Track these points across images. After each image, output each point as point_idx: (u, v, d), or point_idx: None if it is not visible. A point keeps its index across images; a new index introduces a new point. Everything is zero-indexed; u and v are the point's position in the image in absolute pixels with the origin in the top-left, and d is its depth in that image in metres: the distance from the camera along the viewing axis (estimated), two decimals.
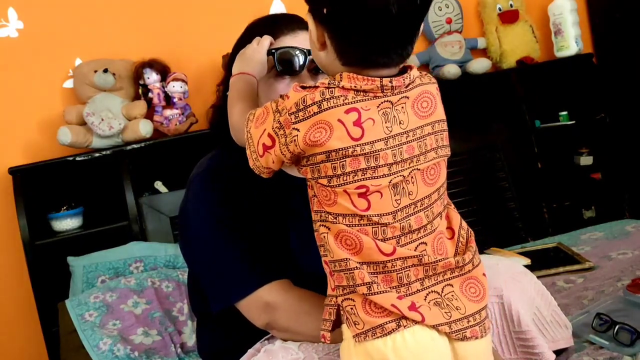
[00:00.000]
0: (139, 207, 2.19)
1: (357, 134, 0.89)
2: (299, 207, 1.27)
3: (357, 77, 0.91)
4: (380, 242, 0.91)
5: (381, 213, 0.91)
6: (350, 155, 0.89)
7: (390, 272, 0.92)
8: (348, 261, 0.91)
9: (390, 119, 0.91)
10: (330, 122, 0.89)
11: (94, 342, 1.75)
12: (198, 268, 1.24)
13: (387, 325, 0.90)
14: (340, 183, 0.90)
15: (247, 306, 1.15)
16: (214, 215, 1.19)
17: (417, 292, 0.92)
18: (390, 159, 0.90)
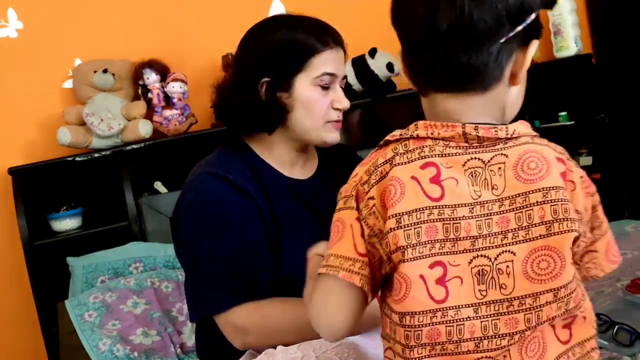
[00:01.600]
0: (139, 207, 2.19)
1: (436, 193, 0.72)
2: (293, 209, 1.28)
3: (434, 125, 0.75)
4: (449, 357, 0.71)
5: (460, 305, 0.71)
6: (426, 220, 0.72)
7: None
8: None
9: (479, 181, 0.73)
10: (402, 179, 0.74)
11: (93, 343, 1.75)
12: (185, 272, 1.27)
13: None
14: (416, 256, 0.71)
15: (221, 325, 1.19)
16: (205, 224, 1.20)
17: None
18: (474, 230, 0.71)
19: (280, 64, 1.22)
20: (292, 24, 1.24)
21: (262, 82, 1.23)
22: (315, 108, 1.24)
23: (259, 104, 1.23)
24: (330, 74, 1.24)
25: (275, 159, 1.30)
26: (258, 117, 1.25)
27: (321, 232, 1.31)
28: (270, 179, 1.28)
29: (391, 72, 2.35)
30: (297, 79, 1.23)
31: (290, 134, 1.28)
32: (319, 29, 1.25)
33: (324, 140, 1.27)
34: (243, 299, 1.15)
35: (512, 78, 0.76)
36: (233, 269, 1.17)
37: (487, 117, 0.76)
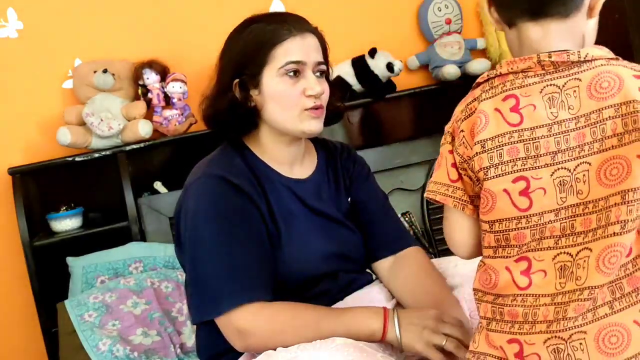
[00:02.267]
0: (139, 207, 2.18)
1: (515, 119, 0.85)
2: (292, 208, 1.29)
3: (514, 60, 0.87)
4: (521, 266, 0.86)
5: (543, 211, 0.84)
6: (507, 142, 0.85)
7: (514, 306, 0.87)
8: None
9: (556, 103, 0.83)
10: (486, 111, 0.87)
11: (93, 343, 1.75)
12: (186, 274, 1.26)
13: (488, 358, 0.89)
14: (499, 174, 0.85)
15: (222, 327, 1.18)
16: (206, 226, 1.20)
17: (539, 333, 0.84)
18: (553, 147, 0.83)
19: (247, 62, 1.24)
20: (256, 23, 1.26)
21: (234, 83, 1.24)
22: (284, 99, 1.23)
23: (237, 105, 1.24)
24: (295, 62, 1.22)
25: (271, 158, 1.31)
26: (238, 118, 1.25)
27: (320, 231, 1.32)
28: (269, 178, 1.28)
29: (391, 72, 2.35)
30: (264, 73, 1.23)
31: (273, 129, 1.28)
32: (279, 20, 1.25)
33: (303, 130, 1.25)
34: (245, 300, 1.15)
35: (590, 10, 0.88)
36: (234, 270, 1.17)
37: (567, 44, 0.87)
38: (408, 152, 2.40)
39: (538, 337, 0.84)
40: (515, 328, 0.87)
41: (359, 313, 1.16)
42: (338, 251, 1.32)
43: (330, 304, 1.26)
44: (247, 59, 1.24)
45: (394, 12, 2.57)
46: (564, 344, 0.83)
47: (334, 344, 1.05)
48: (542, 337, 0.84)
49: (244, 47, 1.24)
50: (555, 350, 0.83)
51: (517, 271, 0.86)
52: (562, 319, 0.83)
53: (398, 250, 1.37)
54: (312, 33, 1.26)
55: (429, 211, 2.40)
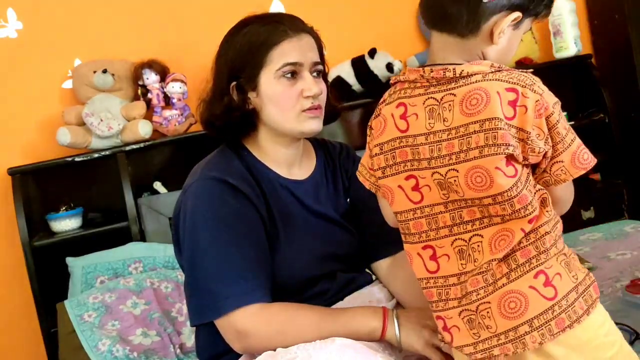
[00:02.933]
0: (138, 207, 2.19)
1: (403, 126, 0.96)
2: (291, 209, 1.28)
3: (409, 70, 0.97)
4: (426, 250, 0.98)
5: (433, 203, 0.96)
6: (398, 146, 0.96)
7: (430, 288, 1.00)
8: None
9: (434, 115, 0.93)
10: (386, 116, 0.98)
11: (93, 343, 1.75)
12: (185, 275, 1.26)
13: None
14: (393, 172, 0.97)
15: (222, 328, 1.18)
16: (205, 228, 1.19)
17: (453, 308, 0.97)
18: (427, 153, 0.93)
19: (244, 65, 1.23)
20: (251, 24, 1.25)
21: (232, 85, 1.24)
22: (282, 101, 1.23)
23: (234, 108, 1.24)
24: (291, 63, 1.22)
25: (270, 160, 1.30)
26: (234, 121, 1.25)
27: (318, 232, 1.31)
28: (268, 179, 1.28)
29: (391, 72, 2.35)
30: (261, 75, 1.23)
31: (272, 131, 1.28)
32: (274, 22, 1.25)
33: (302, 130, 1.25)
34: (244, 302, 1.15)
35: (490, 36, 0.94)
36: (233, 272, 1.16)
37: (462, 60, 0.95)
38: None
39: (453, 311, 0.97)
40: (433, 307, 1.00)
41: (358, 313, 1.16)
42: (336, 252, 1.32)
43: (329, 305, 1.26)
44: (244, 61, 1.24)
45: (393, 12, 2.58)
46: (474, 315, 0.95)
47: (333, 344, 1.05)
48: (456, 311, 0.97)
49: (240, 50, 1.24)
50: (469, 320, 0.96)
51: (427, 257, 0.99)
52: (467, 294, 0.95)
53: (397, 251, 1.37)
54: (307, 33, 1.26)
55: None
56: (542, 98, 0.91)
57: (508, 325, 0.92)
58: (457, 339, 0.97)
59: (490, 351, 0.94)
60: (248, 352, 1.18)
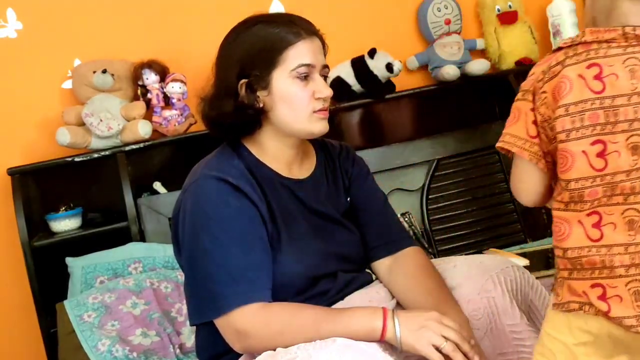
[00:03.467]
0: (138, 207, 2.18)
1: (598, 87, 0.92)
2: (291, 209, 1.29)
3: (598, 30, 0.95)
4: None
5: (616, 172, 0.93)
6: (589, 108, 0.92)
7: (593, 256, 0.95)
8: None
9: (637, 75, 0.91)
10: (570, 77, 0.94)
11: (92, 343, 1.75)
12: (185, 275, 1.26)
13: (572, 305, 0.97)
14: (579, 136, 0.93)
15: (222, 328, 1.18)
16: (205, 227, 1.19)
17: (619, 277, 0.93)
18: (631, 115, 0.91)
19: (255, 63, 1.23)
20: (262, 23, 1.25)
21: (241, 84, 1.23)
22: (295, 101, 1.24)
23: (242, 106, 1.24)
24: (306, 65, 1.23)
25: (271, 159, 1.30)
26: (238, 120, 1.25)
27: (319, 232, 1.32)
28: (267, 179, 1.28)
29: (390, 73, 2.35)
30: (273, 75, 1.23)
31: (279, 131, 1.28)
32: (289, 22, 1.25)
33: (312, 131, 1.27)
34: (244, 301, 1.15)
35: None
36: (233, 271, 1.16)
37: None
38: (408, 153, 2.40)
39: (619, 280, 0.93)
40: (595, 274, 0.95)
41: (358, 313, 1.15)
42: (337, 251, 1.32)
43: (329, 304, 1.26)
44: (256, 59, 1.23)
45: (393, 12, 2.57)
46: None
47: (334, 345, 1.05)
48: (623, 280, 0.93)
49: (252, 48, 1.23)
50: (636, 292, 0.92)
51: (589, 224, 0.95)
52: (638, 264, 0.92)
53: (397, 251, 1.37)
54: (317, 35, 1.27)
55: (428, 211, 2.40)
56: None
57: None
58: (617, 309, 0.93)
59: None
60: (248, 351, 1.18)
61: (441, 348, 1.11)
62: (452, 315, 1.19)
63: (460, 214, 2.42)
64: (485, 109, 2.62)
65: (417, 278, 1.30)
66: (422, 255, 1.37)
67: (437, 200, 2.42)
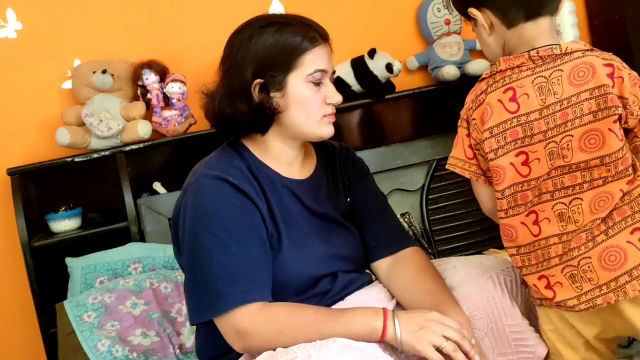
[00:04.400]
0: (138, 208, 2.19)
1: (513, 107, 1.06)
2: (292, 209, 1.29)
3: (510, 58, 1.08)
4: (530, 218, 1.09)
5: (539, 175, 1.07)
6: (509, 127, 1.06)
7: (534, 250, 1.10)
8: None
9: (544, 91, 1.05)
10: (492, 103, 1.08)
11: (92, 343, 1.75)
12: (185, 275, 1.26)
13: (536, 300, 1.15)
14: (505, 152, 1.07)
15: (222, 328, 1.18)
16: (206, 227, 1.19)
17: (556, 266, 1.07)
18: (543, 126, 1.05)
19: (272, 65, 1.23)
20: (278, 24, 1.25)
21: (254, 84, 1.23)
22: (310, 105, 1.25)
23: (253, 107, 1.24)
24: (321, 70, 1.25)
25: (272, 159, 1.31)
26: (253, 120, 1.25)
27: (319, 232, 1.32)
28: (268, 179, 1.28)
29: (390, 73, 2.35)
30: (289, 78, 1.24)
31: (286, 132, 1.28)
32: (306, 27, 1.25)
33: (320, 135, 1.29)
34: (244, 301, 1.15)
35: (559, 8, 1.13)
36: (233, 271, 1.16)
37: (551, 39, 1.10)
38: (407, 153, 2.40)
39: (556, 269, 1.07)
40: (538, 267, 1.09)
41: (358, 313, 1.16)
42: (337, 252, 1.32)
43: (329, 305, 1.26)
44: (274, 61, 1.23)
45: (393, 12, 2.57)
46: (576, 270, 1.06)
47: (334, 345, 1.05)
48: (558, 268, 1.07)
49: (270, 50, 1.23)
50: (571, 275, 1.06)
51: (530, 222, 1.09)
52: (569, 251, 1.05)
53: (397, 251, 1.37)
54: (328, 41, 1.29)
55: (428, 212, 2.40)
56: (632, 71, 1.07)
57: (609, 276, 1.03)
58: (561, 293, 1.07)
59: (593, 301, 1.04)
60: (248, 351, 1.18)
61: (442, 348, 1.11)
62: (453, 315, 1.19)
63: (460, 214, 2.42)
64: None
65: (417, 278, 1.30)
66: (422, 255, 1.37)
67: (436, 200, 2.42)
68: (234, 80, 1.25)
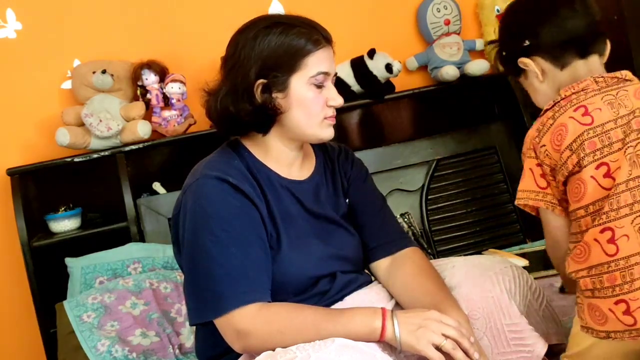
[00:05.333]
0: (137, 208, 2.19)
1: (588, 120, 1.07)
2: (291, 209, 1.29)
3: (571, 85, 1.12)
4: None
5: (618, 183, 1.04)
6: (586, 139, 1.06)
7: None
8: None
9: (615, 105, 1.08)
10: (564, 122, 1.08)
11: (92, 343, 1.75)
12: (185, 275, 1.26)
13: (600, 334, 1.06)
14: (585, 165, 1.05)
15: (221, 328, 1.18)
16: (206, 227, 1.19)
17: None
18: (620, 134, 1.06)
19: (276, 66, 1.23)
20: (283, 25, 1.24)
21: (257, 84, 1.23)
22: (311, 107, 1.25)
23: (256, 106, 1.24)
24: (324, 73, 1.25)
25: (272, 160, 1.31)
26: (255, 120, 1.25)
27: (318, 233, 1.32)
28: (268, 180, 1.29)
29: (390, 73, 2.36)
30: (292, 79, 1.23)
31: (287, 133, 1.28)
32: (311, 29, 1.25)
33: (321, 137, 1.29)
34: (243, 302, 1.15)
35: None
36: (233, 272, 1.16)
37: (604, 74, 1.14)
38: (407, 153, 2.40)
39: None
40: (616, 290, 1.01)
41: (357, 313, 1.16)
42: (336, 252, 1.32)
43: (328, 305, 1.26)
44: (278, 62, 1.23)
45: (393, 13, 2.58)
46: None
47: (333, 345, 1.05)
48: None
49: (275, 50, 1.23)
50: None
51: (604, 240, 1.03)
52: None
53: (396, 251, 1.37)
54: (331, 44, 1.29)
55: (427, 212, 2.40)
56: None
57: None
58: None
59: None
60: (248, 352, 1.18)
61: (441, 346, 1.11)
62: (452, 314, 1.19)
63: (460, 214, 2.42)
64: (485, 109, 2.62)
65: (416, 278, 1.30)
66: (420, 255, 1.37)
67: (436, 200, 2.42)
68: (237, 79, 1.25)
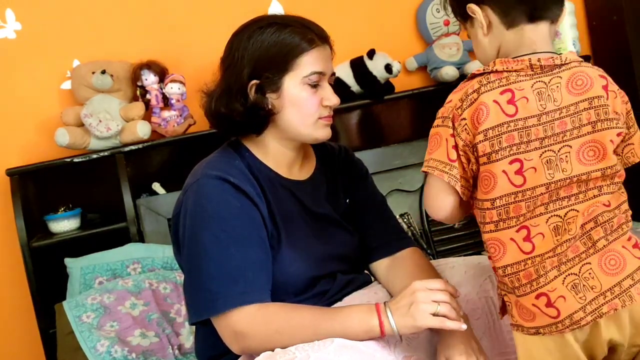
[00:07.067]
0: (137, 208, 2.18)
1: (511, 111, 1.00)
2: (291, 210, 1.29)
3: (508, 60, 1.03)
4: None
5: (535, 186, 0.99)
6: (505, 131, 0.99)
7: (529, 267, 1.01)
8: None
9: (544, 97, 1.00)
10: (487, 103, 1.00)
11: (91, 344, 1.75)
12: (184, 274, 1.26)
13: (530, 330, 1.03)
14: (498, 158, 1.00)
15: (220, 329, 1.18)
16: (206, 226, 1.19)
17: (555, 278, 0.99)
18: (541, 133, 1.00)
19: (268, 66, 1.23)
20: (277, 25, 1.24)
21: (251, 84, 1.23)
22: (305, 107, 1.25)
23: (248, 107, 1.24)
24: (318, 73, 1.24)
25: (271, 160, 1.31)
26: (247, 120, 1.25)
27: (318, 233, 1.32)
28: (268, 180, 1.29)
29: (389, 73, 2.36)
30: (285, 79, 1.23)
31: (283, 133, 1.28)
32: (305, 28, 1.25)
33: (316, 137, 1.29)
34: (242, 302, 1.15)
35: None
36: (232, 272, 1.16)
37: (549, 46, 1.06)
38: (407, 154, 2.40)
39: (556, 282, 0.99)
40: (534, 285, 1.00)
41: (353, 312, 1.15)
42: (336, 252, 1.32)
43: (328, 305, 1.26)
44: (270, 62, 1.23)
45: (392, 13, 2.58)
46: (577, 278, 0.99)
47: (332, 345, 1.05)
48: (559, 280, 0.99)
49: (267, 51, 1.23)
50: (573, 286, 0.99)
51: (520, 239, 1.01)
52: (567, 261, 0.99)
53: (395, 251, 1.37)
54: (327, 42, 1.28)
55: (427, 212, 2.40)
56: (620, 90, 1.05)
57: (612, 281, 0.98)
58: (565, 309, 0.98)
59: (599, 310, 0.97)
60: (246, 352, 1.18)
61: (437, 313, 1.10)
62: None
63: None
64: None
65: (415, 278, 1.29)
66: (420, 255, 1.37)
67: None
68: (231, 80, 1.25)
